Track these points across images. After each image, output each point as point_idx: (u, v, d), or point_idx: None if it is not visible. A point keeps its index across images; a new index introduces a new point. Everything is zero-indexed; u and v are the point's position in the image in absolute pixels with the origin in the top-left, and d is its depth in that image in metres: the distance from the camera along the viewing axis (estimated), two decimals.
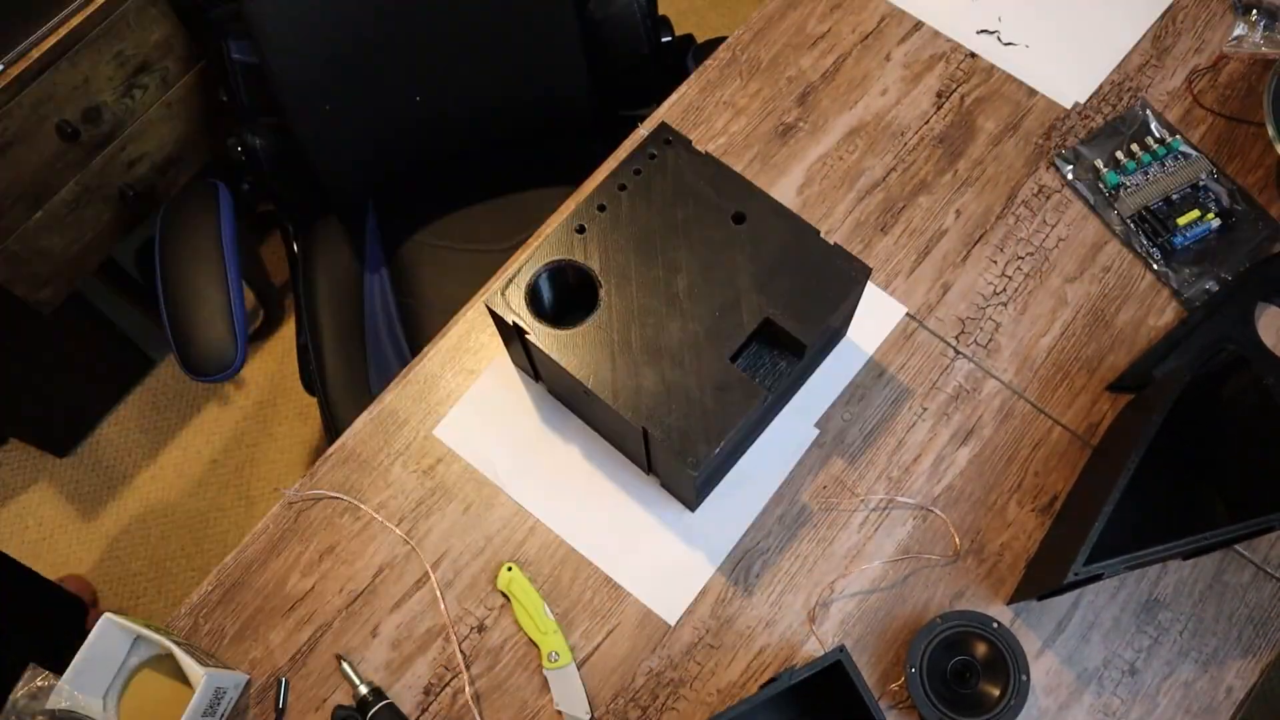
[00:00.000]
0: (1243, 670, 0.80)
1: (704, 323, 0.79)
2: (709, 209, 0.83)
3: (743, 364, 0.80)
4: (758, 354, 0.81)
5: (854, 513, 0.86)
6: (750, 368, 0.81)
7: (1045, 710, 0.80)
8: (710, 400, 0.76)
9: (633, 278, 0.80)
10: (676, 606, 0.84)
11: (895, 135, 1.02)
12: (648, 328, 0.79)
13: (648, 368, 0.78)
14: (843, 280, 0.80)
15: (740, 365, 0.79)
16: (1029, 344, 0.92)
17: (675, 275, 0.81)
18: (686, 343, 0.78)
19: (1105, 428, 0.88)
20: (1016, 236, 0.97)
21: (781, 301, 0.79)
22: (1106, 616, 0.82)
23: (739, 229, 0.82)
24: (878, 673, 0.81)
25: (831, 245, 0.81)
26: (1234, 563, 0.83)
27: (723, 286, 0.80)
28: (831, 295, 0.80)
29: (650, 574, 0.85)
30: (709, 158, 0.85)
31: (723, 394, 0.77)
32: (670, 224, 0.82)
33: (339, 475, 0.89)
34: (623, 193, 0.84)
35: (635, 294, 0.80)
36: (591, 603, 0.84)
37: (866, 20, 1.08)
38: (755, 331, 0.79)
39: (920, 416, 0.90)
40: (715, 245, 0.82)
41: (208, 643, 0.84)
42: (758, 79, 1.05)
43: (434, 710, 0.81)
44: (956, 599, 0.83)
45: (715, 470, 0.83)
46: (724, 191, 0.83)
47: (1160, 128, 1.00)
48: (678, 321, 0.79)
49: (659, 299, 0.80)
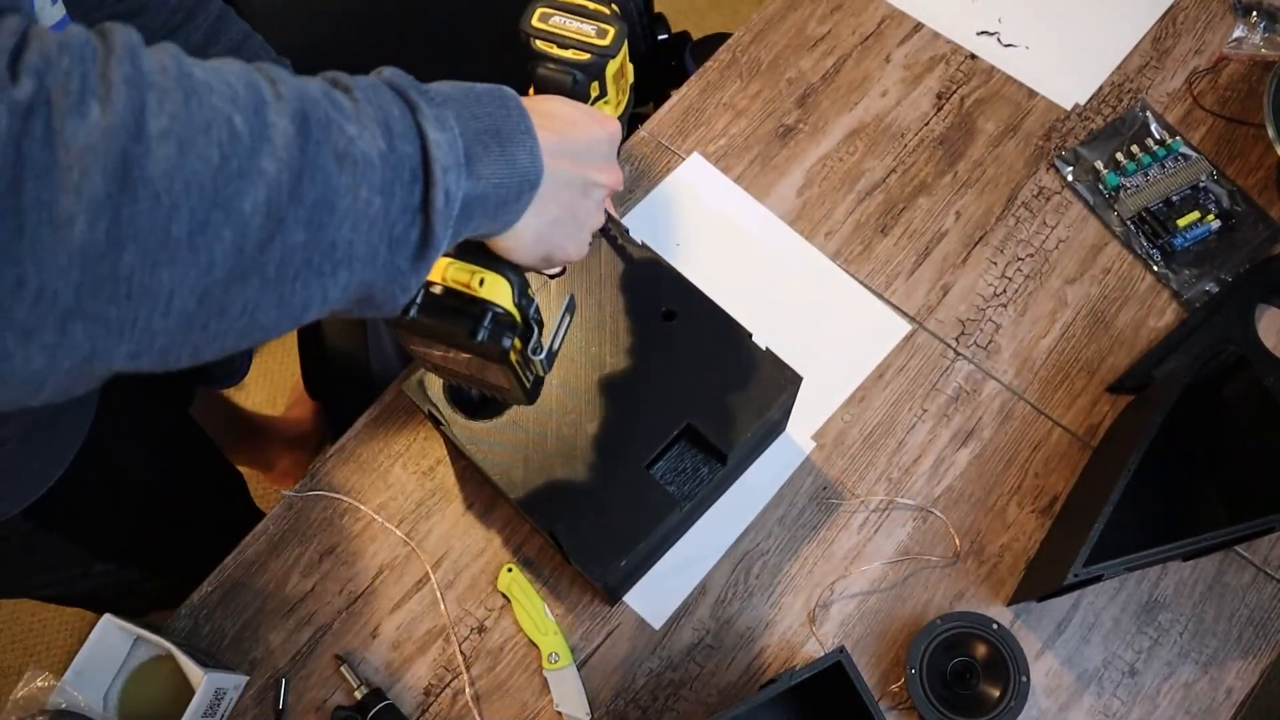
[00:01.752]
0: (1243, 671, 0.80)
1: (623, 424, 0.75)
2: (639, 303, 0.78)
3: (663, 467, 0.76)
4: (680, 456, 0.77)
5: (854, 514, 0.86)
6: (672, 471, 0.76)
7: (1045, 711, 0.80)
8: (623, 508, 0.72)
9: (553, 372, 0.75)
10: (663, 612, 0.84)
11: (895, 137, 1.02)
12: (565, 426, 0.74)
13: (561, 469, 0.74)
14: (771, 388, 0.76)
15: (660, 469, 0.76)
16: (1029, 345, 0.92)
17: (597, 371, 0.76)
18: (604, 445, 0.74)
19: (1105, 429, 0.88)
20: (1016, 238, 0.97)
21: (705, 407, 0.75)
22: (1106, 618, 0.82)
23: (668, 326, 0.78)
24: (878, 674, 0.81)
25: (763, 350, 0.77)
26: (1234, 564, 0.83)
27: (645, 386, 0.76)
28: (758, 403, 0.75)
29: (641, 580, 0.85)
30: (645, 248, 0.80)
31: (637, 502, 0.73)
32: (598, 317, 0.77)
33: (339, 476, 0.89)
34: (551, 281, 0.79)
35: (555, 389, 0.76)
36: (592, 604, 0.84)
37: (867, 22, 1.08)
38: (677, 436, 0.75)
39: (920, 418, 0.90)
40: (641, 342, 0.77)
41: (208, 644, 0.84)
42: (758, 80, 1.05)
43: (434, 711, 0.81)
44: (956, 600, 0.83)
45: (639, 565, 0.80)
46: (657, 285, 0.78)
47: (1160, 129, 1.00)
48: (595, 422, 0.75)
49: (578, 396, 0.75)
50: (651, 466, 0.75)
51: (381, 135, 0.42)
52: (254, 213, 0.37)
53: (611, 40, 0.63)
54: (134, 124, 0.34)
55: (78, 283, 0.34)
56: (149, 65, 0.36)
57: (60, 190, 0.33)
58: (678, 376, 0.76)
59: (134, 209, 0.34)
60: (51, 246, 0.33)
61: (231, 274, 0.37)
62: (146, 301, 0.36)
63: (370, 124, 0.42)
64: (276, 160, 0.38)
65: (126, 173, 0.34)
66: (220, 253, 0.37)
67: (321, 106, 0.40)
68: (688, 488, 0.76)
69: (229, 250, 0.37)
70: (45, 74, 0.33)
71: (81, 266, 0.34)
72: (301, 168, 0.38)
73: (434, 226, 0.44)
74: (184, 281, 0.36)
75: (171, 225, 0.35)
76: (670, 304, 0.78)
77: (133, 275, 0.35)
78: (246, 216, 0.37)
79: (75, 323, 0.34)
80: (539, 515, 0.73)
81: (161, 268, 0.35)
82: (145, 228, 0.34)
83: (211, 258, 0.36)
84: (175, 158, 0.35)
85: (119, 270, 0.34)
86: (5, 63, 0.33)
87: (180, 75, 0.36)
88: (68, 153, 0.33)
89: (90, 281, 0.34)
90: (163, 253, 0.35)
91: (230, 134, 0.36)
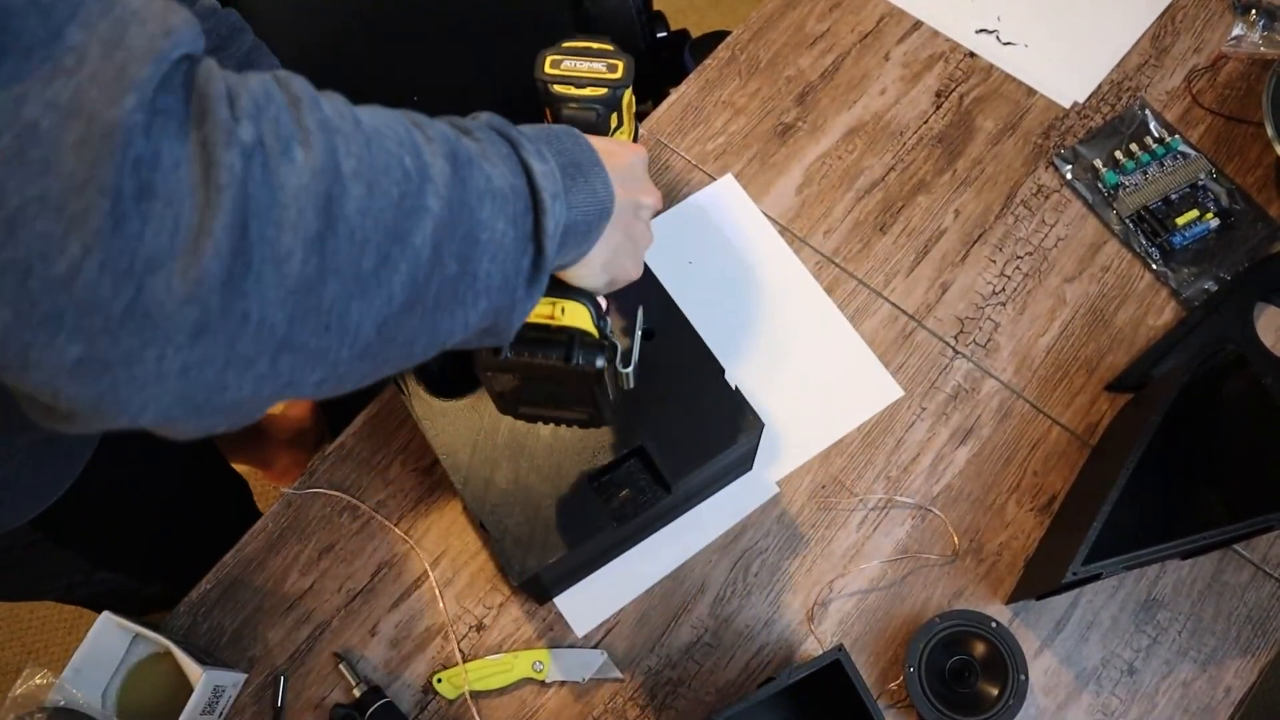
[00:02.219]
0: (1241, 670, 0.80)
1: (576, 433, 0.74)
2: (621, 316, 0.77)
3: (609, 483, 0.75)
4: (629, 475, 0.76)
5: (853, 512, 0.86)
6: (617, 487, 0.75)
7: (1044, 710, 0.80)
8: (555, 516, 0.72)
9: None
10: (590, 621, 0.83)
11: (894, 135, 1.02)
12: (520, 423, 0.73)
13: (506, 462, 0.74)
14: (731, 428, 0.74)
15: (605, 484, 0.75)
16: (1028, 344, 0.92)
17: None
18: (553, 449, 0.74)
19: (1104, 427, 0.88)
20: (1015, 236, 0.97)
21: (662, 433, 0.74)
22: (1105, 616, 0.82)
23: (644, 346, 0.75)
24: (876, 672, 0.81)
25: (732, 389, 0.76)
26: (1233, 562, 0.83)
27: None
28: (715, 440, 0.74)
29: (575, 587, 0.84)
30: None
31: (570, 513, 0.72)
32: None
33: (338, 473, 0.89)
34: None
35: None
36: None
37: (866, 20, 1.08)
38: (627, 455, 0.75)
39: (919, 416, 0.90)
40: None
41: (206, 641, 0.84)
42: (757, 78, 1.05)
43: (432, 709, 0.81)
44: (955, 598, 0.83)
45: (571, 572, 0.80)
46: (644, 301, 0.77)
47: (1159, 127, 1.00)
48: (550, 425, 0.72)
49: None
50: (596, 480, 0.75)
51: (509, 171, 0.46)
52: (423, 246, 0.40)
53: (623, 73, 0.68)
54: (332, 166, 0.37)
55: (290, 314, 0.36)
56: (329, 112, 0.39)
57: (281, 228, 0.35)
58: (643, 397, 0.74)
59: (335, 243, 0.37)
60: (274, 281, 0.35)
61: (404, 305, 0.40)
62: (340, 333, 0.39)
63: (497, 160, 0.46)
64: (439, 197, 0.41)
65: (331, 210, 0.37)
66: (398, 285, 0.40)
67: (465, 146, 0.44)
68: (629, 509, 0.75)
69: (404, 282, 0.40)
70: (260, 120, 0.36)
71: (296, 299, 0.36)
72: (458, 201, 0.42)
73: (545, 251, 0.47)
74: (369, 313, 0.39)
75: (363, 259, 0.38)
76: (652, 322, 0.78)
77: (333, 308, 0.38)
78: (418, 249, 0.40)
79: (285, 354, 0.37)
80: (474, 502, 0.73)
81: (354, 300, 0.38)
82: (344, 262, 0.37)
83: (391, 290, 0.40)
84: (365, 197, 0.38)
85: (323, 303, 0.37)
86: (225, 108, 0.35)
87: (355, 121, 0.39)
88: (284, 192, 0.35)
89: (300, 313, 0.37)
90: (355, 286, 0.38)
91: (404, 174, 0.40)
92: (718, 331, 0.78)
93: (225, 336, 0.35)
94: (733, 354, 0.91)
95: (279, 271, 0.35)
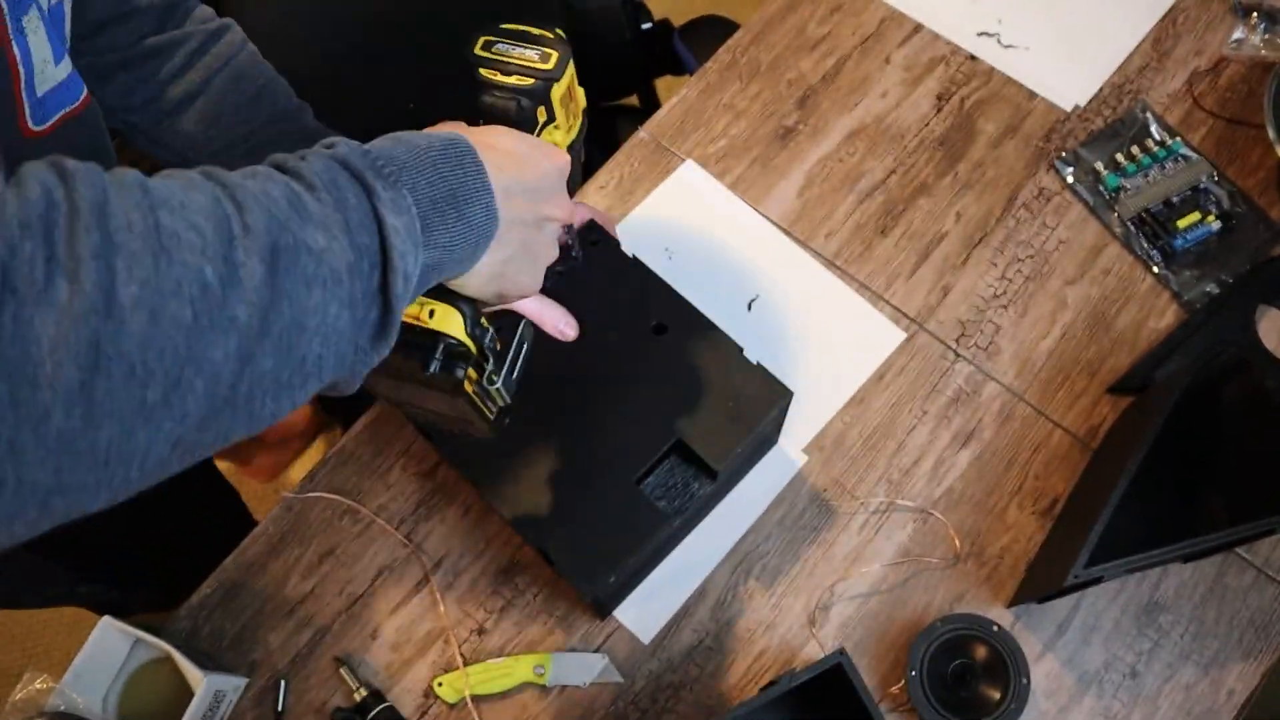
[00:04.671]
0: (1244, 673, 0.80)
1: (614, 439, 0.74)
2: (630, 318, 0.77)
3: (653, 482, 0.76)
4: (670, 471, 0.76)
5: (854, 515, 0.86)
6: (662, 486, 0.76)
7: (1046, 713, 0.79)
8: (613, 524, 0.72)
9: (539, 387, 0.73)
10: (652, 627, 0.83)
11: (895, 138, 1.02)
12: (556, 442, 0.74)
13: (552, 484, 0.73)
14: (761, 403, 0.75)
15: (650, 484, 0.75)
16: (1029, 347, 0.92)
17: (588, 387, 0.76)
18: (594, 460, 0.74)
19: (1106, 430, 0.88)
20: (1017, 239, 0.96)
21: (696, 422, 0.75)
22: (1107, 619, 0.82)
23: (659, 340, 0.77)
24: (878, 676, 0.81)
25: (754, 365, 0.76)
26: (1235, 565, 0.83)
27: (636, 401, 0.75)
28: (748, 418, 0.75)
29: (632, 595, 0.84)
30: (636, 262, 0.80)
31: (627, 518, 0.72)
32: (588, 332, 0.74)
33: (339, 477, 0.89)
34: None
35: (546, 405, 0.74)
36: (591, 605, 0.84)
37: (867, 23, 1.08)
38: (667, 451, 0.75)
39: (920, 419, 0.89)
40: (632, 357, 0.77)
41: (207, 645, 0.84)
42: (758, 81, 1.05)
43: (433, 713, 0.81)
44: (957, 602, 0.83)
45: (629, 580, 0.80)
46: (648, 299, 0.78)
47: (1160, 130, 1.00)
48: (586, 437, 0.74)
49: (569, 412, 0.75)
50: (642, 482, 0.75)
51: (344, 235, 0.41)
52: (225, 360, 0.37)
53: (555, 64, 0.63)
54: (104, 300, 0.33)
55: (56, 467, 0.33)
56: (116, 224, 0.34)
57: (36, 387, 0.32)
58: (668, 391, 0.76)
59: (109, 384, 0.33)
60: (30, 444, 0.32)
61: (205, 418, 0.37)
62: (123, 464, 0.35)
63: (334, 226, 0.41)
64: (247, 305, 0.37)
65: (100, 352, 0.33)
66: (193, 403, 0.36)
67: (290, 229, 0.39)
68: (678, 503, 0.76)
69: (201, 399, 0.36)
70: (13, 260, 0.31)
71: (59, 453, 0.33)
72: (270, 302, 0.38)
73: (393, 308, 0.44)
74: (158, 437, 0.36)
75: (147, 393, 0.34)
76: (661, 318, 0.78)
77: (110, 446, 0.34)
78: (218, 365, 0.36)
79: (56, 498, 0.34)
80: (530, 532, 0.73)
81: (138, 432, 0.35)
82: (120, 401, 0.34)
83: (185, 410, 0.36)
84: (147, 326, 0.34)
85: (97, 446, 0.34)
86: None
87: (147, 231, 0.35)
88: (38, 346, 0.31)
89: (69, 463, 0.34)
90: (138, 419, 0.35)
91: (202, 288, 0.36)
92: (711, 314, 0.79)
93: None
94: (730, 333, 0.91)
95: (36, 433, 0.32)
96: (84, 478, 0.34)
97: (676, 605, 0.83)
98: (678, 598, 0.84)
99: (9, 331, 0.31)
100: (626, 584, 0.81)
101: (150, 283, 0.34)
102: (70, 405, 0.33)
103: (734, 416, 0.75)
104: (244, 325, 0.37)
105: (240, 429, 0.40)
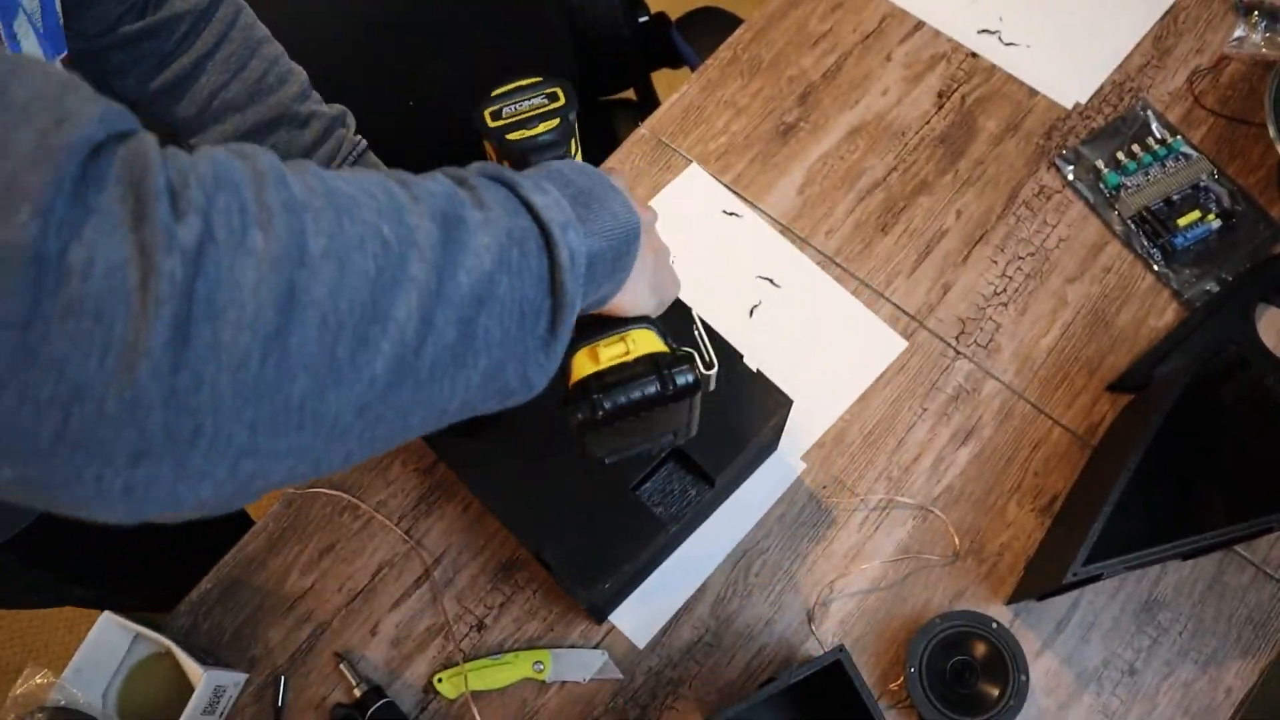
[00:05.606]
0: (1242, 671, 0.80)
1: None
2: None
3: (651, 488, 0.76)
4: (668, 478, 0.76)
5: (854, 512, 0.86)
6: (660, 493, 0.76)
7: (1045, 710, 0.80)
8: (610, 530, 0.72)
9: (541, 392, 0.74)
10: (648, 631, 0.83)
11: (896, 135, 1.02)
12: (552, 447, 0.73)
13: (550, 490, 0.74)
14: (761, 411, 0.75)
15: (648, 490, 0.75)
16: (1029, 344, 0.92)
17: None
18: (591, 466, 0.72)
19: (1105, 428, 0.88)
20: (1017, 237, 0.96)
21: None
22: (1106, 617, 0.82)
23: None
24: (877, 672, 0.81)
25: (753, 372, 0.76)
26: (1234, 563, 0.83)
27: None
28: (747, 426, 0.75)
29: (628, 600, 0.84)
30: None
31: (624, 524, 0.73)
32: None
33: (339, 473, 0.89)
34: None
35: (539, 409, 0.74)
36: None
37: (868, 20, 1.08)
38: (665, 458, 0.75)
39: (920, 416, 0.90)
40: None
41: (207, 641, 0.84)
42: (759, 78, 1.05)
43: (433, 709, 0.81)
44: (956, 599, 0.83)
45: (626, 585, 0.80)
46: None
47: (1161, 128, 1.00)
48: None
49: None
50: (639, 488, 0.75)
51: (504, 217, 0.42)
52: (409, 318, 0.37)
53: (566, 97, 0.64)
54: (297, 249, 0.34)
55: (251, 422, 0.33)
56: (298, 186, 0.36)
57: (238, 329, 0.32)
58: None
59: (303, 332, 0.34)
60: (229, 390, 0.32)
61: (390, 384, 0.37)
62: (313, 427, 0.35)
63: (494, 207, 0.43)
64: (424, 263, 0.38)
65: (294, 298, 0.33)
66: (381, 365, 0.37)
67: (454, 201, 0.41)
68: (675, 509, 0.76)
69: (389, 362, 0.37)
70: (210, 212, 0.32)
71: (256, 405, 0.33)
72: (444, 263, 0.39)
73: (566, 288, 0.44)
74: (348, 401, 0.36)
75: (337, 348, 0.35)
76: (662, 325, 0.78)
77: (304, 404, 0.35)
78: (402, 324, 0.37)
79: (247, 460, 0.34)
80: (527, 537, 0.73)
81: (328, 391, 0.35)
82: (312, 353, 0.34)
83: (374, 372, 0.36)
84: (337, 276, 0.35)
85: (290, 401, 0.34)
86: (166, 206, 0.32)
87: (328, 193, 0.36)
88: (240, 290, 0.32)
89: (265, 419, 0.34)
90: (329, 376, 0.35)
91: (382, 245, 0.37)
92: (711, 320, 0.78)
93: (172, 457, 0.32)
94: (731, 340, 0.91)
95: (235, 379, 0.32)
96: (276, 442, 0.35)
97: (672, 610, 0.83)
98: (673, 603, 0.84)
99: (213, 276, 0.32)
100: (622, 589, 0.81)
101: (336, 236, 0.35)
102: (267, 351, 0.33)
103: (733, 424, 0.75)
104: (423, 283, 0.38)
105: (420, 409, 0.40)
